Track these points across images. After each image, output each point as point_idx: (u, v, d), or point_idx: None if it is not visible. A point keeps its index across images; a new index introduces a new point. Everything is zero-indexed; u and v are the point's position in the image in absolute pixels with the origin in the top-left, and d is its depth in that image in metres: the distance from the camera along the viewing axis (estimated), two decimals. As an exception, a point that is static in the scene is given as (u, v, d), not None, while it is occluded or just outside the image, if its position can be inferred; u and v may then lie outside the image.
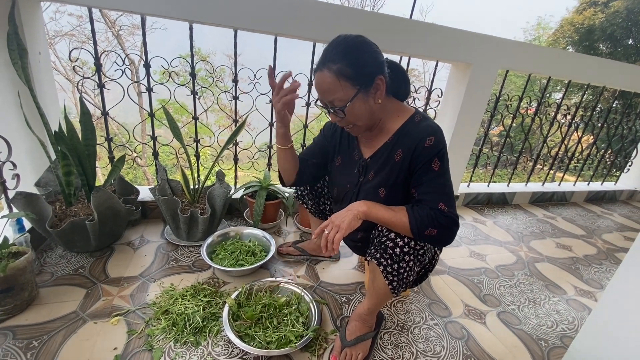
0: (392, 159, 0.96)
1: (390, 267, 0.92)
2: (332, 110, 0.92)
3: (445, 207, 0.88)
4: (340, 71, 0.84)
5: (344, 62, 0.84)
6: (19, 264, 1.04)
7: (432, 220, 0.87)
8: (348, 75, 0.85)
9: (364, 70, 0.86)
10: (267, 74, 0.98)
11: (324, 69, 0.86)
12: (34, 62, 1.33)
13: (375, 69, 0.88)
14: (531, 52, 2.08)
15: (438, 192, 0.90)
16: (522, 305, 1.40)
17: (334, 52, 0.86)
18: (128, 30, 8.95)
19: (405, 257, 0.91)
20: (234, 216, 1.88)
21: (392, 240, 0.92)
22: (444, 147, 0.92)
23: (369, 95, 0.90)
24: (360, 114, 0.91)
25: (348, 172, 1.10)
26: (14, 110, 1.29)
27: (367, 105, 0.91)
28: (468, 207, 2.46)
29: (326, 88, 0.87)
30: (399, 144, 0.95)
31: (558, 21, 12.26)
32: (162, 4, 1.36)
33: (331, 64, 0.85)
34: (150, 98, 1.56)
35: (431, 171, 0.90)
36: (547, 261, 1.81)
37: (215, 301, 1.18)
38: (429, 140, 0.89)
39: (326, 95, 0.89)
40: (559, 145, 2.73)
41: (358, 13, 1.67)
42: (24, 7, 1.27)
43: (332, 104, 0.90)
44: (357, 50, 0.86)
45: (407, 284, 0.97)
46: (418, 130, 0.92)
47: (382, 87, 0.90)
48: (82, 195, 1.46)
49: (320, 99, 0.93)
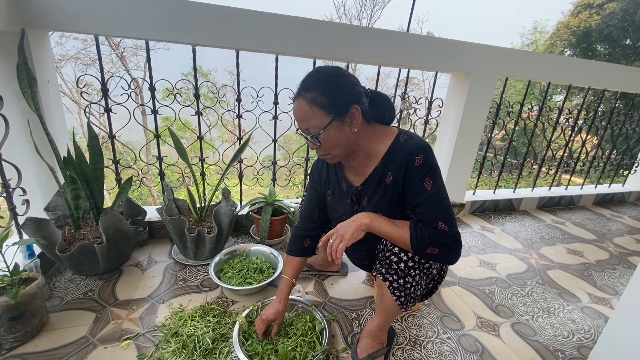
0: (383, 183, 0.96)
1: (397, 283, 0.92)
2: (309, 139, 0.92)
3: (446, 226, 0.87)
4: (313, 100, 0.86)
5: (318, 91, 0.86)
6: (30, 290, 1.04)
7: (434, 240, 0.86)
8: (322, 104, 0.86)
9: (339, 99, 0.87)
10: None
11: (300, 97, 0.88)
12: (43, 90, 1.37)
13: (350, 99, 0.88)
14: (529, 59, 2.10)
15: (435, 211, 0.89)
16: (536, 315, 1.38)
17: (309, 82, 0.88)
18: (131, 51, 9.17)
19: (410, 272, 0.91)
20: (240, 233, 1.88)
21: (397, 255, 0.91)
22: (434, 164, 0.91)
23: (345, 124, 0.89)
24: (335, 142, 0.91)
25: (340, 203, 1.09)
26: (24, 137, 1.32)
27: (343, 134, 0.90)
28: (475, 215, 2.44)
29: (301, 116, 0.89)
30: (388, 167, 0.95)
31: (554, 25, 12.37)
32: (166, 30, 1.40)
33: (306, 93, 0.87)
34: (155, 120, 1.59)
35: (425, 191, 0.89)
36: (558, 268, 1.78)
37: (224, 321, 1.18)
38: (417, 159, 0.89)
39: (302, 123, 0.90)
40: (564, 149, 2.72)
41: (356, 29, 1.70)
42: (33, 38, 1.32)
43: (308, 131, 0.90)
44: (332, 80, 0.88)
45: (415, 298, 0.96)
46: (405, 150, 0.92)
47: (358, 116, 0.89)
48: (91, 218, 1.48)
49: (299, 126, 0.93)
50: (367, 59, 1.74)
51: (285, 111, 1.80)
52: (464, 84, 1.99)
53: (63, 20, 1.29)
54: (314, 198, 1.18)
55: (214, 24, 1.45)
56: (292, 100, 0.93)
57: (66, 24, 1.31)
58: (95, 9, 1.31)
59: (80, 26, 1.33)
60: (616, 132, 2.89)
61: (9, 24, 1.21)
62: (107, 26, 1.35)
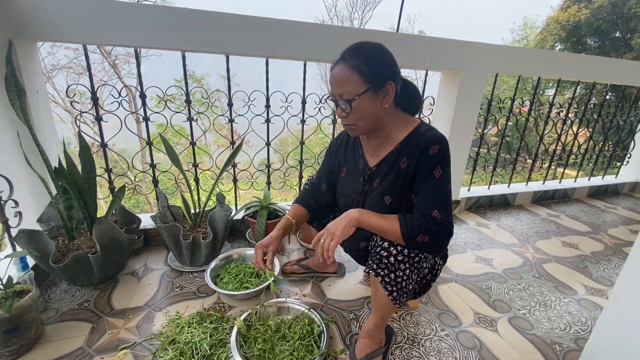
0: (397, 167, 0.99)
1: (388, 277, 0.93)
2: (341, 104, 0.94)
3: (439, 214, 0.89)
4: (355, 66, 0.89)
5: (361, 59, 0.89)
6: (24, 303, 1.03)
7: (423, 228, 0.88)
8: (362, 71, 0.89)
9: (378, 71, 0.90)
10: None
11: (342, 62, 0.91)
12: (32, 101, 1.36)
13: (388, 74, 0.92)
14: (519, 55, 2.12)
15: (435, 198, 0.92)
16: (533, 309, 1.38)
17: (353, 51, 0.92)
18: (124, 59, 9.13)
19: (400, 266, 0.92)
20: (236, 237, 1.88)
21: (386, 250, 0.93)
22: (448, 157, 0.94)
23: (378, 97, 0.93)
24: (365, 112, 0.93)
25: (353, 181, 1.12)
26: (14, 149, 1.31)
27: (374, 106, 0.93)
28: (470, 211, 2.45)
29: (339, 80, 0.91)
30: (404, 152, 0.98)
31: (544, 20, 12.48)
32: (155, 37, 1.40)
33: (348, 58, 0.90)
34: (147, 127, 1.59)
35: (432, 178, 0.92)
36: (554, 261, 1.79)
37: (221, 327, 1.17)
38: (433, 148, 0.92)
39: (337, 87, 0.92)
40: (556, 142, 2.74)
41: (346, 31, 1.71)
42: (21, 49, 1.31)
43: (342, 97, 0.92)
44: (375, 53, 0.92)
45: (407, 293, 0.96)
46: (423, 139, 0.95)
47: (391, 92, 0.93)
48: (84, 228, 1.47)
49: (332, 92, 0.96)
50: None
51: (277, 114, 1.80)
52: (454, 81, 2.01)
53: (51, 30, 1.29)
54: (325, 170, 1.24)
55: (203, 29, 1.45)
56: (332, 66, 0.95)
57: (54, 34, 1.30)
58: (82, 18, 1.31)
59: (68, 36, 1.33)
60: (607, 125, 2.92)
61: (-4, 36, 1.21)
62: (95, 35, 1.35)
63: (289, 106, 1.79)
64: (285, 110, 1.80)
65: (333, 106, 1.02)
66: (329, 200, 1.25)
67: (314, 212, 1.22)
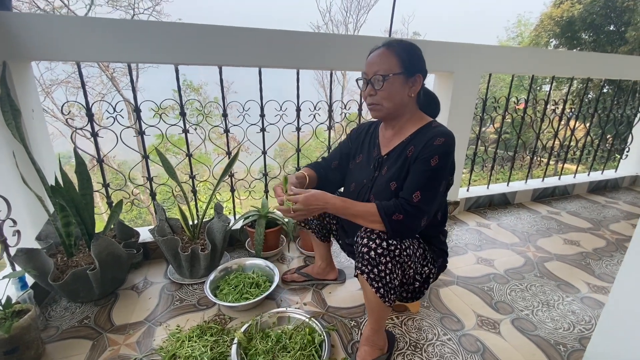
0: (404, 155, 1.03)
1: (372, 273, 0.95)
2: (374, 81, 1.01)
3: (419, 197, 0.95)
4: (395, 51, 1.00)
5: (401, 49, 1.00)
6: (23, 323, 1.03)
7: (398, 207, 0.95)
8: (400, 57, 0.99)
9: (413, 62, 1.01)
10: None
11: (383, 47, 1.02)
12: (28, 120, 1.37)
13: (420, 68, 1.03)
14: (511, 55, 2.13)
15: (420, 184, 0.96)
16: (535, 310, 1.37)
17: (395, 41, 1.03)
18: (122, 71, 9.20)
19: (381, 259, 0.94)
20: (235, 247, 1.87)
21: (365, 245, 0.95)
22: (450, 151, 0.98)
23: (407, 84, 1.01)
24: (393, 94, 1.01)
25: (366, 168, 1.17)
26: (10, 168, 1.32)
27: (402, 91, 1.01)
28: (470, 211, 2.44)
29: (378, 60, 1.00)
30: (412, 142, 1.03)
31: (537, 17, 12.53)
32: (147, 52, 1.41)
33: (391, 45, 1.01)
34: (142, 141, 1.59)
35: (426, 165, 0.96)
36: (556, 259, 1.78)
37: (222, 339, 1.17)
38: (439, 139, 0.97)
39: (375, 66, 1.01)
40: (553, 139, 2.73)
41: (338, 38, 1.72)
42: (15, 69, 1.32)
43: (377, 73, 1.00)
44: (413, 48, 1.03)
45: (394, 289, 0.98)
46: (432, 131, 1.01)
47: (419, 84, 1.03)
48: (83, 244, 1.47)
49: (366, 72, 1.04)
50: (351, 66, 1.75)
51: (272, 122, 1.81)
52: (447, 82, 2.01)
53: (44, 50, 1.30)
54: (339, 152, 1.30)
55: (196, 42, 1.46)
56: (372, 50, 1.05)
57: (47, 53, 1.31)
58: (75, 36, 1.32)
59: (62, 55, 1.34)
60: (604, 119, 2.92)
61: (-11, 58, 1.22)
62: (88, 52, 1.36)
63: (283, 114, 1.80)
64: (280, 119, 1.80)
65: (362, 87, 1.09)
66: (336, 179, 1.29)
67: (321, 179, 1.26)
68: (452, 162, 1.01)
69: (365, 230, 0.98)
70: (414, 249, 1.03)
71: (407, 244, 0.99)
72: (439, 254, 1.14)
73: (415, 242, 1.05)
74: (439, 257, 1.14)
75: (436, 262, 1.12)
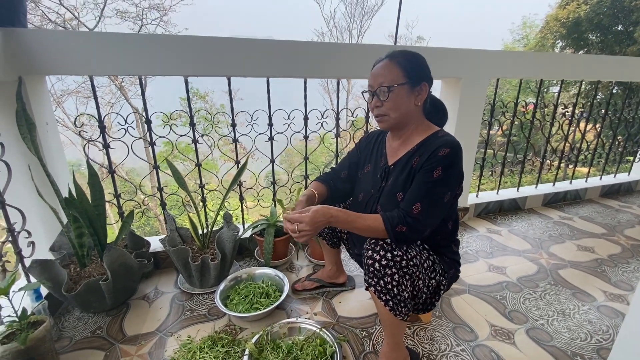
0: (409, 165, 1.03)
1: (379, 285, 0.94)
2: (379, 92, 1.01)
3: (419, 209, 0.94)
4: (398, 62, 1.00)
5: (404, 59, 1.01)
6: (38, 334, 1.04)
7: (401, 219, 0.94)
8: (404, 67, 0.99)
9: (417, 70, 1.01)
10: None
11: (387, 59, 1.02)
12: (42, 133, 1.40)
13: (425, 76, 1.03)
14: (518, 59, 2.11)
15: (420, 196, 0.96)
16: (551, 319, 1.34)
17: (397, 52, 1.03)
18: (130, 81, 9.37)
19: (387, 271, 0.92)
20: (245, 256, 1.88)
21: (370, 257, 0.94)
22: (455, 163, 0.97)
23: (413, 93, 1.02)
24: (399, 104, 1.01)
25: (373, 178, 1.17)
26: (26, 180, 1.34)
27: (407, 100, 1.01)
28: (480, 217, 2.41)
29: (382, 72, 1.01)
30: (418, 152, 1.03)
31: (543, 18, 12.45)
32: (157, 65, 1.43)
33: (393, 56, 1.02)
34: (153, 152, 1.61)
35: (429, 176, 0.96)
36: (570, 266, 1.75)
37: (233, 350, 1.16)
38: (443, 150, 0.96)
39: (379, 77, 1.01)
40: (564, 142, 2.69)
41: (344, 47, 1.74)
42: (30, 84, 1.35)
43: (382, 85, 1.00)
44: (417, 57, 1.03)
45: (404, 302, 0.95)
46: (438, 141, 1.00)
47: (425, 93, 1.03)
48: (95, 255, 1.49)
49: (371, 84, 1.05)
50: (358, 74, 1.76)
51: (280, 131, 1.82)
52: (455, 88, 2.01)
53: (58, 64, 1.33)
54: (348, 161, 1.30)
55: (204, 55, 1.48)
56: (375, 63, 1.06)
57: (61, 68, 1.35)
58: (88, 51, 1.35)
59: (75, 69, 1.37)
60: (615, 121, 2.87)
61: (6, 74, 1.25)
62: (101, 67, 1.39)
63: (291, 123, 1.81)
64: (288, 127, 1.82)
65: (368, 99, 1.09)
66: (346, 189, 1.29)
67: (332, 192, 1.26)
68: (458, 172, 0.99)
69: (370, 241, 0.97)
70: (421, 259, 1.00)
71: (413, 254, 0.96)
72: (450, 265, 1.12)
73: (424, 252, 1.03)
74: (450, 267, 1.12)
75: (447, 273, 1.10)
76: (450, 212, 1.09)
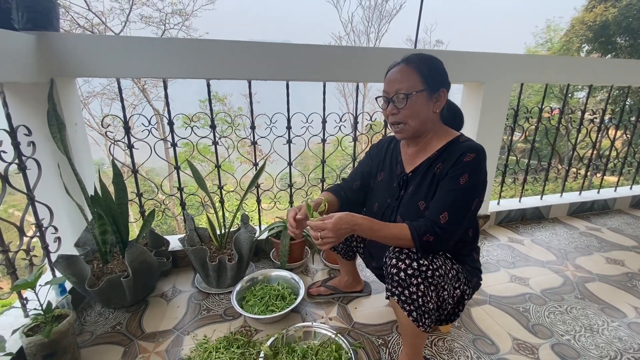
0: (432, 172, 1.00)
1: (403, 295, 0.90)
2: (395, 100, 0.97)
3: (446, 219, 0.90)
4: (417, 67, 0.96)
5: (422, 64, 0.97)
6: (62, 328, 1.07)
7: (429, 228, 0.91)
8: (422, 73, 0.95)
9: (436, 76, 0.97)
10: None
11: (404, 63, 0.98)
12: (71, 133, 1.46)
13: (443, 82, 0.99)
14: (544, 63, 2.05)
15: (447, 203, 0.92)
16: (577, 335, 1.28)
17: (415, 56, 0.99)
18: (152, 83, 9.67)
19: (412, 280, 0.89)
20: (260, 257, 1.88)
21: (395, 266, 0.91)
22: (480, 168, 0.94)
23: (431, 100, 0.98)
24: (418, 110, 0.97)
25: (389, 186, 1.13)
26: (55, 178, 1.40)
27: (426, 107, 0.97)
28: (501, 226, 2.34)
29: (399, 77, 0.96)
30: (440, 159, 1.00)
31: (568, 21, 12.04)
32: (181, 68, 1.47)
33: (410, 61, 0.97)
34: (175, 153, 1.65)
35: (455, 183, 0.93)
36: (598, 280, 1.66)
37: (248, 352, 1.16)
38: (469, 155, 0.93)
39: (395, 84, 0.97)
40: (592, 149, 2.58)
41: (363, 51, 1.72)
42: (61, 86, 1.41)
43: (399, 92, 0.96)
44: (435, 62, 0.99)
45: (428, 313, 0.92)
46: (462, 147, 0.97)
47: (443, 99, 0.99)
48: (117, 252, 1.53)
49: (386, 90, 1.00)
50: (375, 78, 1.74)
51: (298, 134, 1.82)
52: (477, 93, 1.96)
53: (87, 67, 1.39)
54: (359, 170, 1.26)
55: (227, 58, 1.50)
56: (391, 67, 1.02)
57: (90, 70, 1.40)
58: (115, 55, 1.39)
59: (103, 71, 1.42)
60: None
61: (40, 76, 1.31)
62: (127, 69, 1.43)
63: (309, 126, 1.81)
64: (306, 130, 1.82)
65: (382, 105, 1.04)
66: (359, 199, 1.25)
67: (343, 203, 1.23)
68: (484, 177, 0.96)
69: (394, 250, 0.94)
70: (446, 269, 0.97)
71: (439, 264, 0.94)
72: (473, 273, 1.09)
73: (448, 262, 1.00)
74: (473, 276, 1.08)
75: (470, 282, 1.07)
76: (471, 220, 1.06)
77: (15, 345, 1.06)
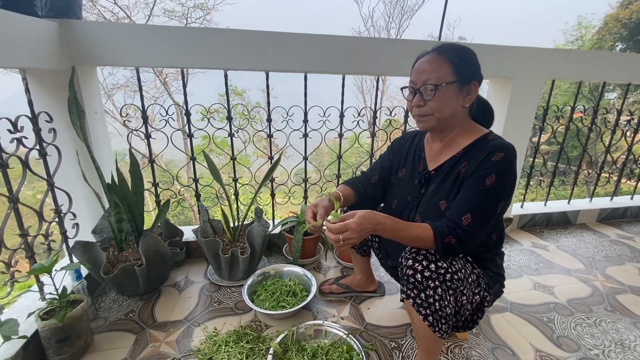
0: (456, 171, 0.94)
1: (419, 298, 0.85)
2: (424, 91, 0.91)
3: (469, 221, 0.85)
4: (449, 57, 0.90)
5: (455, 54, 0.90)
6: (76, 313, 1.09)
7: (451, 230, 0.85)
8: (454, 64, 0.89)
9: (468, 68, 0.91)
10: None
11: (435, 52, 0.92)
12: (91, 121, 1.47)
13: (475, 74, 0.93)
14: (579, 59, 1.92)
15: (470, 205, 0.86)
16: (607, 350, 1.19)
17: (447, 46, 0.93)
18: (173, 76, 9.83)
19: (429, 283, 0.84)
20: (273, 252, 1.87)
21: (411, 267, 0.86)
22: (510, 168, 0.88)
23: (461, 93, 0.92)
24: (445, 104, 0.91)
25: (410, 184, 1.08)
26: (74, 165, 1.42)
27: (455, 101, 0.91)
28: (524, 230, 2.23)
29: (429, 67, 0.90)
30: (466, 157, 0.94)
31: (601, 18, 11.42)
32: (200, 58, 1.45)
33: (441, 50, 0.91)
34: (191, 143, 1.64)
35: (481, 184, 0.87)
36: (630, 292, 1.55)
37: (258, 347, 1.14)
38: (498, 155, 0.87)
39: (424, 74, 0.91)
40: (627, 153, 2.42)
41: (384, 42, 1.66)
42: (82, 74, 1.42)
43: (427, 82, 0.90)
44: (468, 53, 0.93)
45: (445, 318, 0.87)
46: (490, 145, 0.91)
47: (474, 93, 0.93)
48: (132, 240, 1.54)
49: (413, 80, 0.94)
50: (397, 71, 1.68)
51: (315, 128, 1.79)
52: (505, 89, 1.86)
53: (108, 56, 1.39)
54: (379, 165, 1.21)
55: (245, 48, 1.48)
56: (420, 56, 0.96)
57: (110, 59, 1.40)
58: (135, 44, 1.39)
59: (123, 60, 1.42)
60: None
61: (62, 63, 1.32)
62: (147, 59, 1.43)
63: (326, 120, 1.77)
64: (323, 125, 1.78)
65: (408, 96, 0.99)
66: (377, 194, 1.20)
67: (360, 197, 1.18)
68: (513, 179, 0.89)
69: (411, 250, 0.89)
70: (466, 273, 0.92)
71: (458, 267, 0.88)
72: (495, 280, 1.02)
73: (469, 265, 0.95)
74: (495, 282, 1.02)
75: (492, 288, 1.00)
76: (495, 223, 0.99)
77: (31, 328, 1.08)
